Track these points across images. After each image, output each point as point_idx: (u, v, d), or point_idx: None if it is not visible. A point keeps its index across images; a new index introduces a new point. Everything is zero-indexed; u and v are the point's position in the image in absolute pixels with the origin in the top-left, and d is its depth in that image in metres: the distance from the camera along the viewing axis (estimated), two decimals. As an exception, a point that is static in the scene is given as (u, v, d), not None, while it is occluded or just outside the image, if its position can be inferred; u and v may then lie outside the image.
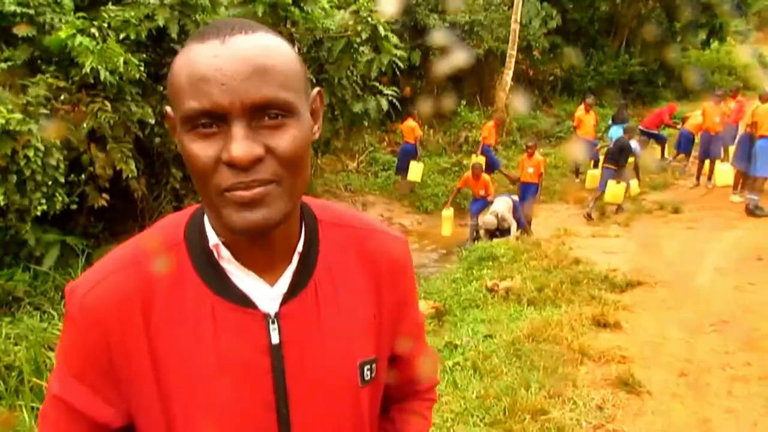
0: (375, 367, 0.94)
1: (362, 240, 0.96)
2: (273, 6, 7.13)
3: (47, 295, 5.32)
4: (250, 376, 0.86)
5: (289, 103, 0.77)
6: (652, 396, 3.98)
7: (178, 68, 0.78)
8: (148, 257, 0.87)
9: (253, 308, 0.86)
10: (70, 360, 0.89)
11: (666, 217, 9.57)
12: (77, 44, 4.89)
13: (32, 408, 3.42)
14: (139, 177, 6.02)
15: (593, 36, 19.99)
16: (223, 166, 0.76)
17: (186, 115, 0.76)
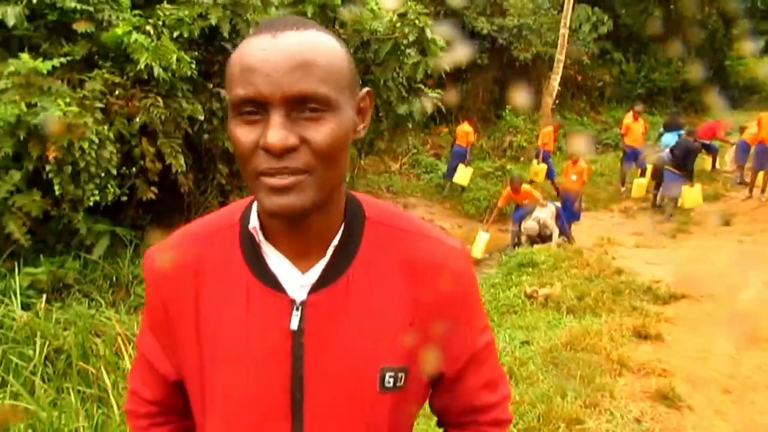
0: (403, 377, 0.92)
1: (412, 246, 0.94)
2: (322, 7, 7.20)
3: (96, 284, 5.47)
4: (271, 357, 0.90)
5: (328, 98, 0.81)
6: (693, 411, 3.89)
7: (233, 59, 0.84)
8: (207, 235, 0.96)
9: (281, 292, 0.90)
10: (146, 315, 1.02)
11: (715, 230, 9.32)
12: (133, 41, 5.03)
13: (78, 391, 3.49)
14: (187, 172, 6.15)
15: (645, 42, 19.59)
16: (260, 151, 0.80)
17: (233, 102, 0.82)
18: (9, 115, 4.40)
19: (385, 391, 0.91)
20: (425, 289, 0.92)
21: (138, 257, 6.33)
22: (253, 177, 0.83)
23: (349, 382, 0.91)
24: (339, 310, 0.90)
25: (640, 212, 10.73)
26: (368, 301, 0.91)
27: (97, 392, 3.52)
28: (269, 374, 0.90)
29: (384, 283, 0.92)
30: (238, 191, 7.31)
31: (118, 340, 3.95)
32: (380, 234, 0.94)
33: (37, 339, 3.86)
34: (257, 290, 0.91)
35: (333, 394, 0.91)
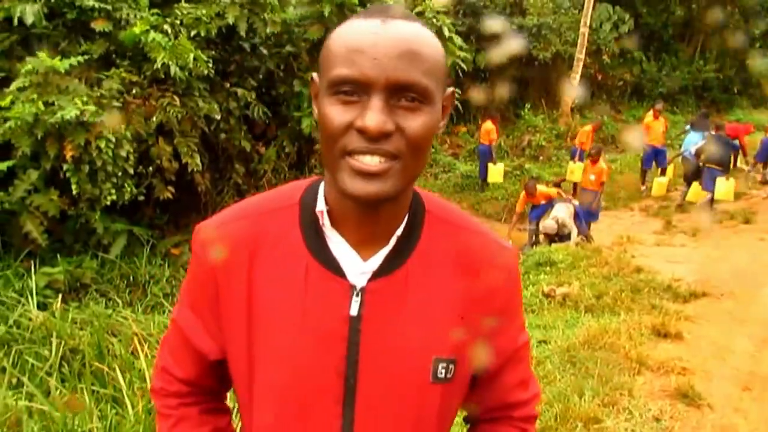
0: (452, 368, 0.94)
1: (466, 242, 0.96)
2: (340, 6, 7.21)
3: (113, 283, 5.51)
4: (327, 340, 0.90)
5: (428, 90, 0.82)
6: (712, 409, 3.83)
7: (337, 37, 0.84)
8: (264, 212, 0.95)
9: (342, 277, 0.91)
10: (189, 291, 1.01)
11: (736, 228, 9.19)
12: (150, 40, 5.08)
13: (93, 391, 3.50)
14: (204, 171, 6.20)
15: (666, 41, 19.39)
16: (353, 132, 0.81)
17: (333, 80, 0.82)
18: (27, 114, 4.47)
19: (437, 382, 0.93)
20: (477, 284, 0.94)
21: (155, 257, 6.37)
22: (338, 156, 0.82)
23: (402, 370, 0.92)
24: (397, 299, 0.91)
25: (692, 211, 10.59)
26: (424, 292, 0.92)
27: (111, 392, 3.51)
28: (324, 357, 0.91)
29: (439, 276, 0.93)
30: (255, 190, 7.34)
31: (134, 340, 3.96)
32: (438, 227, 0.96)
33: (53, 339, 3.88)
34: (317, 273, 0.91)
35: (386, 381, 0.91)
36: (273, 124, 7.42)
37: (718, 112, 18.67)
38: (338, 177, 0.83)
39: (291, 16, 7.02)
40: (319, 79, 0.87)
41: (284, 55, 7.17)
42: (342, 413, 0.91)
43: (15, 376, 3.50)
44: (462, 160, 13.27)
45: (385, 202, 0.85)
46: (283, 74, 7.24)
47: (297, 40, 7.20)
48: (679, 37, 19.79)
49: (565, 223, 8.79)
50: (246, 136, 6.70)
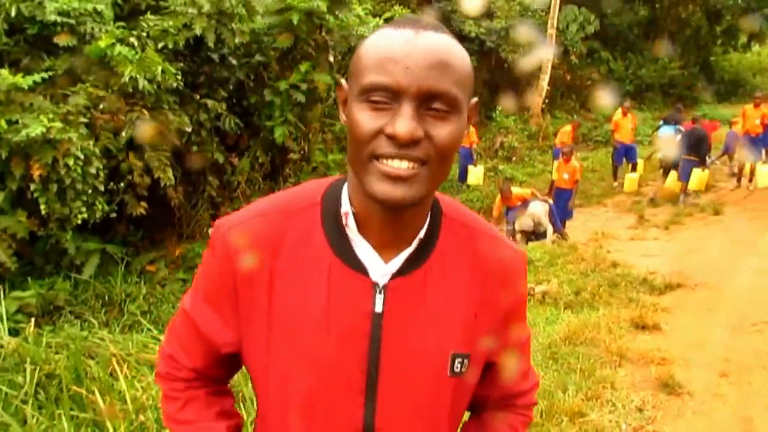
0: (467, 363, 0.98)
1: (481, 243, 1.00)
2: (308, 14, 7.21)
3: (88, 304, 5.39)
4: (349, 336, 0.93)
5: (457, 100, 0.85)
6: (692, 397, 3.88)
7: (369, 45, 0.87)
8: (286, 211, 0.97)
9: (365, 275, 0.93)
10: (204, 284, 1.01)
11: (706, 219, 9.36)
12: (117, 53, 5.02)
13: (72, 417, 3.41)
14: (177, 185, 6.12)
15: (632, 40, 19.74)
16: (382, 137, 0.83)
17: (365, 86, 0.84)
18: (-9, 133, 4.37)
19: (454, 376, 0.97)
20: (491, 285, 0.99)
21: (130, 274, 6.27)
22: (366, 160, 0.85)
23: (422, 365, 0.95)
24: (417, 297, 0.95)
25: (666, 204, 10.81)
26: (442, 291, 0.96)
27: (92, 416, 3.43)
28: (347, 353, 0.93)
29: (456, 276, 0.97)
30: (229, 203, 7.29)
31: (113, 361, 3.88)
32: (455, 230, 0.99)
33: (27, 365, 3.74)
34: (340, 271, 0.93)
35: (406, 374, 0.95)
36: (245, 135, 7.38)
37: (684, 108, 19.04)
38: (366, 180, 0.85)
39: (259, 25, 7.00)
40: (349, 86, 0.89)
41: (254, 65, 7.14)
42: (364, 404, 0.95)
43: (-13, 408, 3.39)
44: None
45: (410, 207, 0.88)
46: (253, 84, 7.20)
47: (266, 49, 7.17)
48: (644, 36, 20.16)
49: (541, 221, 8.87)
50: (218, 148, 6.65)
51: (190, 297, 1.05)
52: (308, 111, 7.61)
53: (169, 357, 1.06)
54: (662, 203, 10.52)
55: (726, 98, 20.21)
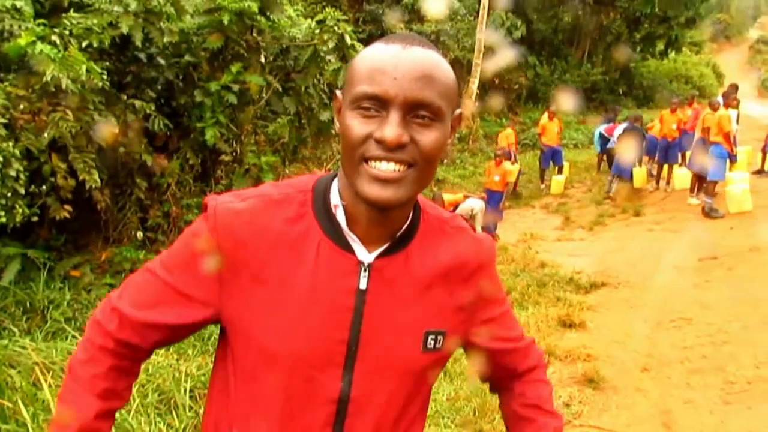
0: (441, 340, 1.06)
1: (455, 234, 1.10)
2: (239, 14, 7.09)
3: (7, 311, 5.16)
4: (333, 310, 1.00)
5: (440, 109, 0.94)
6: (616, 391, 4.06)
7: (362, 58, 0.96)
8: (279, 195, 1.04)
9: (351, 253, 1.01)
10: (186, 251, 1.05)
11: (628, 220, 9.77)
12: (38, 52, 4.79)
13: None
14: (103, 187, 5.91)
15: (557, 46, 20.38)
16: (371, 141, 0.92)
17: (356, 96, 0.93)
18: None
19: (427, 351, 1.05)
20: (464, 270, 1.08)
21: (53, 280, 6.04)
22: (357, 162, 0.93)
23: (398, 341, 1.03)
24: (398, 277, 1.03)
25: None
26: (420, 273, 1.04)
27: (14, 427, 3.31)
28: (330, 325, 1.00)
29: (433, 261, 1.06)
30: (159, 205, 7.09)
31: (36, 370, 3.74)
32: (432, 223, 1.09)
33: (-58, 377, 3.60)
34: (328, 248, 1.00)
35: (383, 348, 1.02)
36: (175, 136, 7.19)
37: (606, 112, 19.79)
38: (356, 182, 0.94)
39: (189, 25, 6.84)
40: (343, 96, 0.98)
41: (183, 65, 6.97)
42: (342, 376, 1.01)
43: None
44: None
45: (397, 207, 0.96)
46: (183, 84, 7.03)
47: (196, 50, 7.02)
48: (568, 42, 20.85)
49: (473, 215, 9.05)
50: (147, 149, 6.47)
51: (162, 260, 1.07)
52: (240, 112, 7.48)
53: (114, 311, 1.06)
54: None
55: (644, 103, 21.15)
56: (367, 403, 1.03)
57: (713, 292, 5.92)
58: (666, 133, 11.00)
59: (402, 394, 1.06)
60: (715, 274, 6.47)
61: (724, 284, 6.12)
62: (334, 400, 1.01)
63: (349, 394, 1.02)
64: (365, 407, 1.03)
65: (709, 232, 8.24)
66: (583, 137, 17.24)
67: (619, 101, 20.60)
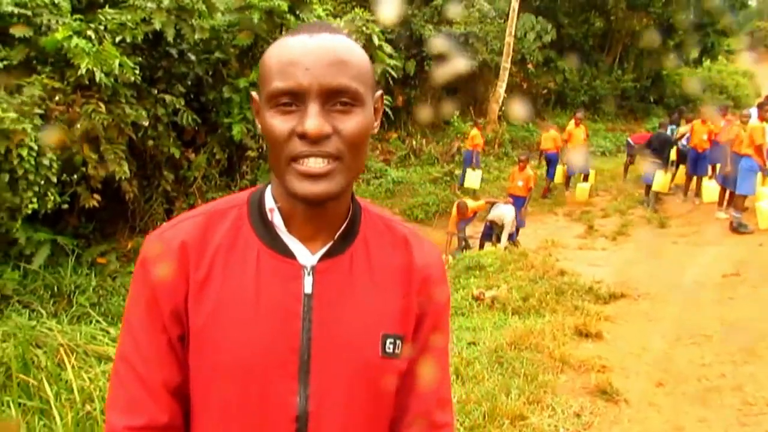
0: (399, 344, 1.01)
1: (396, 232, 1.07)
2: (269, 13, 7.20)
3: (36, 294, 5.33)
4: (281, 319, 0.95)
5: (358, 93, 0.90)
6: (629, 404, 4.04)
7: (269, 55, 0.92)
8: (214, 210, 1.02)
9: (292, 259, 0.98)
10: (141, 305, 0.98)
11: (652, 232, 9.67)
12: (73, 46, 4.95)
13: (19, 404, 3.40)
14: (131, 179, 6.06)
15: (587, 51, 20.18)
16: (295, 138, 0.88)
17: (271, 93, 0.89)
18: (-58, 122, 4.28)
19: (387, 357, 1.00)
20: (414, 267, 1.04)
21: (81, 266, 6.19)
22: (285, 162, 0.90)
23: (352, 344, 0.98)
24: (345, 278, 0.99)
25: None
26: (369, 273, 1.01)
27: (38, 404, 3.43)
28: (279, 334, 0.95)
29: (381, 261, 1.03)
30: (185, 197, 7.23)
31: (60, 351, 3.86)
32: (374, 220, 1.06)
33: (-26, 353, 3.74)
34: (268, 257, 0.97)
35: (338, 356, 0.97)
36: (202, 131, 7.33)
37: (635, 120, 19.59)
38: (287, 181, 0.90)
39: (219, 22, 6.97)
40: (259, 96, 0.94)
41: (213, 62, 7.10)
42: (297, 390, 0.96)
43: (-66, 394, 3.36)
44: (393, 166, 13.44)
45: (330, 201, 0.93)
46: (212, 80, 7.16)
47: (226, 47, 7.14)
48: (599, 47, 20.65)
49: (505, 223, 9.05)
50: (175, 143, 6.61)
51: (127, 335, 0.99)
52: (267, 109, 7.60)
53: (125, 429, 0.96)
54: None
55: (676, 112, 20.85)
56: (329, 417, 0.97)
57: (736, 310, 5.83)
58: (696, 143, 10.78)
59: (365, 407, 0.99)
60: (740, 291, 6.38)
61: (749, 302, 6.00)
62: (292, 419, 0.96)
63: (307, 409, 0.96)
64: (327, 423, 0.97)
65: (736, 247, 8.11)
66: (610, 144, 17.07)
67: (649, 109, 20.38)
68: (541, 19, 17.45)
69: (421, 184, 12.41)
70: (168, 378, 0.98)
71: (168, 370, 0.98)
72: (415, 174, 13.08)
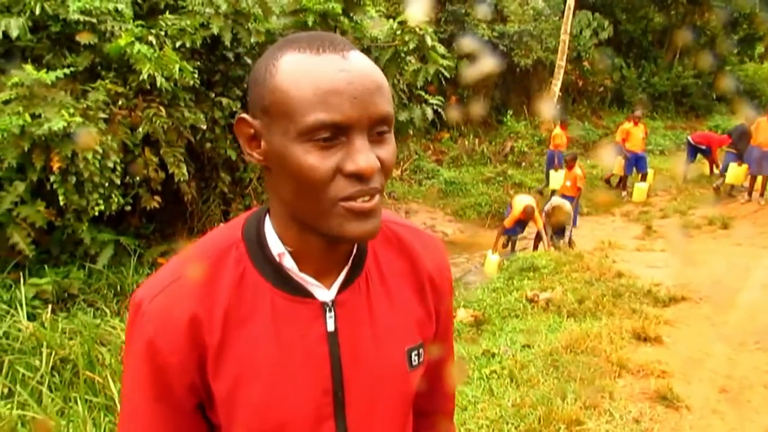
0: (422, 351, 0.99)
1: (402, 236, 1.02)
2: (323, 15, 7.26)
3: (101, 293, 5.50)
4: (309, 364, 0.89)
5: (392, 117, 0.83)
6: (691, 411, 3.93)
7: (298, 79, 0.79)
8: (207, 258, 0.90)
9: (310, 298, 0.90)
10: (144, 380, 0.88)
11: (714, 233, 9.36)
12: (135, 51, 5.09)
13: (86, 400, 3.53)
14: (190, 180, 6.21)
15: (646, 47, 19.67)
16: (340, 177, 0.79)
17: (309, 127, 0.77)
18: (13, 126, 4.46)
19: (413, 369, 0.98)
20: (423, 271, 1.01)
21: (142, 266, 6.38)
22: (329, 204, 0.80)
23: (383, 369, 0.95)
24: (364, 304, 0.94)
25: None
26: (385, 291, 0.97)
27: (103, 401, 3.55)
28: (310, 379, 0.90)
29: (393, 273, 0.98)
30: (241, 199, 7.37)
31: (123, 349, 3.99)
32: (382, 230, 0.99)
33: (44, 349, 3.88)
34: (282, 300, 0.89)
35: (372, 384, 0.94)
36: (258, 133, 7.45)
37: (697, 118, 18.98)
38: (330, 224, 0.81)
39: (275, 25, 7.06)
40: (271, 123, 0.81)
41: (269, 65, 7.21)
42: (336, 427, 0.92)
43: (6, 386, 3.51)
44: (445, 167, 13.39)
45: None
46: (267, 83, 7.27)
47: (281, 50, 7.24)
48: (658, 43, 20.09)
49: (568, 221, 8.93)
50: (231, 145, 6.73)
51: (131, 421, 0.91)
52: (321, 111, 7.68)
53: None
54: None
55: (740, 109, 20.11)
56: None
57: (805, 315, 5.61)
58: (761, 142, 10.42)
59: (397, 420, 0.99)
60: (809, 295, 6.13)
61: (819, 307, 5.78)
62: None
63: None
64: None
65: (803, 248, 7.81)
66: (670, 143, 16.59)
67: (711, 107, 19.72)
68: (597, 16, 17.11)
69: (473, 185, 12.33)
70: None
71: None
72: (468, 174, 13.00)
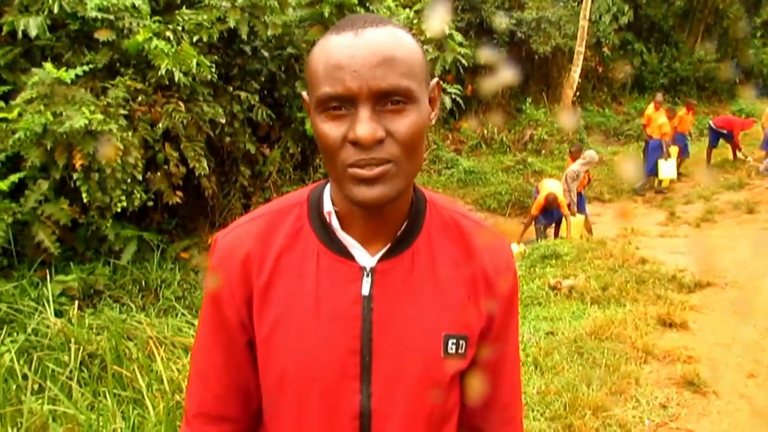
0: (464, 345, 0.99)
1: (466, 227, 1.03)
2: (339, 6, 7.24)
3: (125, 288, 5.56)
4: (340, 320, 0.95)
5: (410, 91, 0.86)
6: (718, 396, 3.89)
7: (316, 57, 0.88)
8: (278, 209, 1.02)
9: (351, 260, 0.97)
10: (214, 307, 1.01)
11: (740, 218, 9.22)
12: (153, 47, 5.12)
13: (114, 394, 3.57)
14: (210, 175, 6.24)
15: (667, 32, 19.36)
16: (348, 144, 0.86)
17: (320, 99, 0.86)
18: (35, 125, 4.51)
19: (448, 357, 0.98)
20: (478, 265, 1.01)
21: (165, 261, 6.43)
22: (341, 169, 0.87)
23: (414, 346, 0.96)
24: (405, 278, 0.97)
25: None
26: (431, 272, 0.98)
27: (131, 394, 3.59)
28: (339, 337, 0.95)
29: (445, 258, 0.99)
30: (261, 192, 7.40)
31: (150, 343, 4.04)
32: (440, 215, 1.03)
33: (72, 345, 3.94)
34: (327, 258, 0.97)
35: (400, 356, 0.96)
36: (276, 126, 7.47)
37: (720, 102, 18.67)
38: (343, 186, 0.89)
39: (291, 18, 7.06)
40: (309, 98, 0.92)
41: (285, 57, 7.21)
42: (360, 389, 0.96)
43: (37, 382, 3.57)
44: (465, 156, 13.32)
45: (389, 203, 0.90)
46: (285, 76, 7.28)
47: (298, 42, 7.24)
48: (679, 27, 19.78)
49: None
50: (250, 139, 6.76)
51: (198, 336, 1.04)
52: (339, 103, 7.68)
53: (196, 416, 1.04)
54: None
55: (764, 93, 19.74)
56: (391, 415, 0.97)
57: (832, 299, 5.51)
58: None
59: (427, 404, 0.98)
60: (836, 278, 6.02)
61: None
62: (355, 416, 0.96)
63: (370, 407, 0.96)
64: (389, 420, 0.97)
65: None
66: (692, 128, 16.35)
67: (734, 91, 19.39)
68: (617, 0, 16.87)
69: (493, 173, 12.25)
70: (233, 381, 1.02)
71: (234, 375, 1.02)
72: (487, 163, 12.92)
